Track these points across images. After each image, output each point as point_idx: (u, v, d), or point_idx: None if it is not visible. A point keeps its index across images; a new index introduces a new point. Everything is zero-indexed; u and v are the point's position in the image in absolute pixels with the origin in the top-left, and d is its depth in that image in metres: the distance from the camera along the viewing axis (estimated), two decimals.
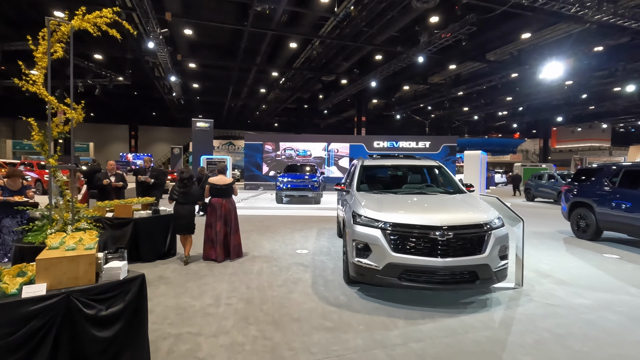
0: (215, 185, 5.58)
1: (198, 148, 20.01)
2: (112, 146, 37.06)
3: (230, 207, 5.67)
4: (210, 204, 5.63)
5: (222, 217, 5.52)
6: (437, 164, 5.86)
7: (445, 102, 26.27)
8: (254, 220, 9.62)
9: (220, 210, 5.53)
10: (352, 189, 5.13)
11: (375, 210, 4.11)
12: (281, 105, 30.76)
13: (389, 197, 4.80)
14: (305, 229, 8.37)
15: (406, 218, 3.92)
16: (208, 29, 18.93)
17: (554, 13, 15.85)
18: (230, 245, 5.63)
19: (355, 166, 5.82)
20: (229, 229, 5.60)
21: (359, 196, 4.72)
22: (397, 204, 4.47)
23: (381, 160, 6.04)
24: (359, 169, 5.53)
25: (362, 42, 18.32)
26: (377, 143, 19.71)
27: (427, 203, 4.52)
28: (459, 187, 5.22)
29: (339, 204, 6.51)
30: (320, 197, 13.45)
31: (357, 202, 4.47)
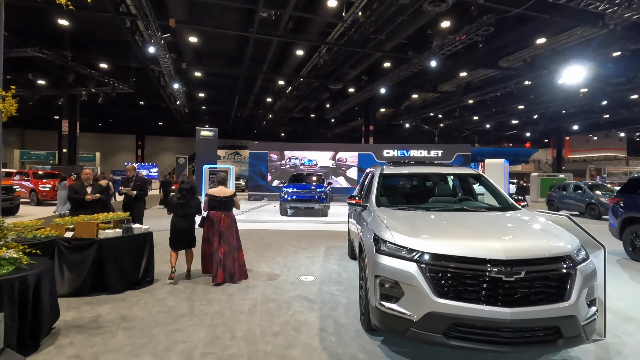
0: (215, 197, 4.90)
1: (202, 157, 18.99)
2: (119, 156, 36.42)
3: (230, 221, 4.97)
4: (208, 218, 4.97)
5: (220, 233, 4.84)
6: (475, 172, 4.64)
7: (455, 110, 25.10)
8: (254, 235, 8.43)
9: (218, 224, 4.85)
10: (371, 204, 3.94)
11: (407, 235, 2.91)
12: (288, 115, 29.86)
13: (422, 215, 3.58)
14: (311, 247, 7.15)
15: (455, 247, 2.71)
16: (213, 36, 18.15)
17: (573, 15, 14.77)
18: (236, 266, 4.90)
19: (373, 175, 4.62)
20: (229, 247, 4.87)
21: (381, 214, 3.52)
22: (436, 226, 3.25)
23: (405, 168, 4.81)
24: (377, 178, 4.32)
25: (370, 49, 17.33)
26: (387, 152, 18.52)
27: (478, 224, 3.27)
28: (510, 202, 3.93)
29: (352, 219, 5.28)
30: (328, 209, 12.26)
31: (379, 222, 3.29)
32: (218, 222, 4.86)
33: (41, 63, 19.35)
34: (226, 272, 4.76)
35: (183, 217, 4.84)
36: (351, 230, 5.49)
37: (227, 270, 4.77)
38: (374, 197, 4.01)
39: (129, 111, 31.89)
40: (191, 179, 5.33)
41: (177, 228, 4.83)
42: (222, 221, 4.87)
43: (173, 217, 4.89)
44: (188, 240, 4.91)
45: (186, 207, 4.84)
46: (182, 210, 4.83)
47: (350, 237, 5.72)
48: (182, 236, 4.84)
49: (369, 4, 14.84)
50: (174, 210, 4.87)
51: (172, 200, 4.94)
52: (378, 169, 4.55)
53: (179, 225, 4.83)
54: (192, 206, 4.90)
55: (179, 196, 4.87)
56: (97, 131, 35.54)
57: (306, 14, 15.76)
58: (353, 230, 5.07)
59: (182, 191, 4.85)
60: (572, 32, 17.08)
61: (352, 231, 5.24)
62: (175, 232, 4.83)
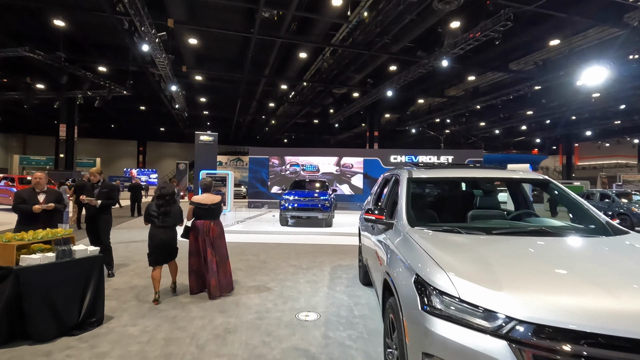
0: (202, 205, 4.39)
1: (201, 162, 17.83)
2: (120, 162, 35.41)
3: (220, 230, 4.52)
4: (194, 228, 4.42)
5: (211, 243, 4.37)
6: (543, 178, 3.32)
7: (462, 116, 23.89)
8: (248, 250, 7.14)
9: (207, 234, 4.36)
10: (400, 222, 2.67)
11: (480, 282, 1.64)
12: (290, 121, 28.76)
13: (488, 243, 2.28)
14: (313, 267, 5.85)
15: (579, 311, 1.44)
16: (214, 38, 17.13)
17: (592, 14, 13.66)
18: (228, 276, 4.52)
19: (397, 181, 3.38)
20: (220, 257, 4.44)
21: (422, 239, 2.23)
22: (526, 265, 1.91)
23: (442, 171, 3.43)
24: (404, 185, 3.03)
25: (376, 51, 16.19)
26: (394, 157, 17.23)
27: (590, 262, 1.98)
28: (605, 221, 2.63)
29: (366, 235, 3.98)
30: (332, 219, 10.97)
31: (420, 254, 2.02)
32: (207, 231, 4.36)
33: (39, 66, 18.47)
34: (221, 284, 4.35)
35: (164, 227, 4.21)
36: (365, 249, 4.19)
37: (221, 282, 4.35)
38: (403, 213, 2.71)
39: (131, 117, 30.98)
40: (170, 185, 4.51)
41: (157, 241, 4.17)
42: (212, 230, 4.38)
43: (151, 228, 4.23)
44: (170, 252, 4.31)
45: (167, 217, 4.22)
46: (163, 220, 4.20)
47: (363, 258, 4.43)
48: (163, 249, 4.20)
49: (375, 3, 13.78)
50: (152, 221, 4.20)
51: (149, 209, 4.23)
52: (404, 172, 3.25)
53: (159, 237, 4.18)
54: (174, 215, 4.28)
55: (159, 204, 4.20)
56: (98, 137, 34.62)
57: (310, 14, 14.72)
58: (368, 250, 3.77)
59: (161, 198, 4.20)
60: (587, 33, 15.98)
61: (367, 251, 3.94)
62: (156, 246, 4.16)
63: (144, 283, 4.78)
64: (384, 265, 2.56)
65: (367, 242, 3.93)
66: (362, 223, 4.53)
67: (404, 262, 2.12)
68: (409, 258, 2.11)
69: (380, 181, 4.45)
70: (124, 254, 6.54)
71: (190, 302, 4.15)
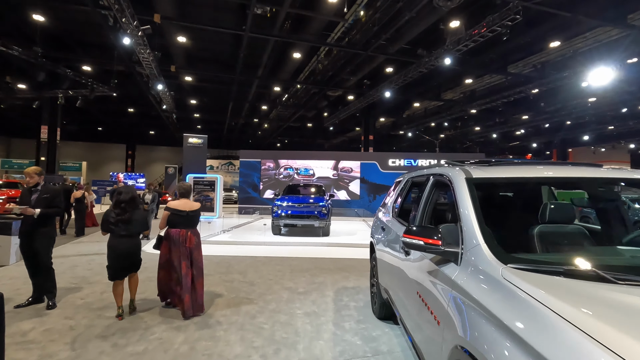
0: (180, 212, 3.90)
1: (190, 166, 16.56)
2: (108, 166, 33.69)
3: (197, 239, 4.02)
4: (169, 237, 3.90)
5: (187, 255, 3.82)
6: None
7: (457, 120, 23.09)
8: (234, 266, 5.93)
9: (184, 244, 3.83)
10: (475, 253, 1.53)
11: None
12: (284, 124, 27.61)
13: None
14: (312, 292, 4.65)
15: None
16: (204, 37, 16.00)
17: (597, 13, 12.97)
18: (202, 291, 3.96)
19: (443, 184, 2.27)
20: (197, 270, 3.89)
21: (556, 301, 1.08)
22: None
23: (522, 169, 2.23)
24: (466, 191, 1.90)
25: (373, 51, 15.25)
26: (393, 161, 16.19)
27: None
28: None
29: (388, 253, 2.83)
30: (330, 227, 9.80)
31: (576, 342, 0.88)
32: (184, 241, 3.83)
33: (20, 64, 17.13)
34: (197, 302, 3.83)
35: (126, 236, 3.68)
36: (385, 274, 3.04)
37: (198, 299, 3.84)
38: (478, 236, 1.56)
39: (119, 119, 29.50)
40: (130, 188, 3.93)
41: (118, 251, 3.64)
42: (188, 240, 3.85)
43: (111, 238, 3.69)
44: (132, 264, 3.78)
45: (129, 224, 3.68)
46: (124, 228, 3.66)
47: (381, 284, 3.28)
48: (125, 260, 3.68)
49: (373, 0, 12.86)
50: (111, 230, 3.67)
51: (108, 217, 3.69)
52: (457, 172, 2.12)
53: (120, 247, 3.65)
54: (137, 222, 3.73)
55: (118, 211, 3.66)
56: (85, 140, 32.93)
57: (304, 11, 13.72)
58: (396, 281, 2.62)
59: (121, 204, 3.65)
60: (589, 35, 15.32)
61: (392, 280, 2.77)
62: (117, 257, 3.64)
63: (90, 318, 3.55)
64: (450, 329, 1.42)
65: (391, 268, 2.78)
66: (378, 235, 3.38)
67: (522, 347, 0.98)
68: (537, 341, 0.97)
69: (402, 185, 3.32)
70: (82, 273, 5.29)
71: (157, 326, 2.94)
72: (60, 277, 5.05)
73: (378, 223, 3.71)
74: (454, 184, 2.03)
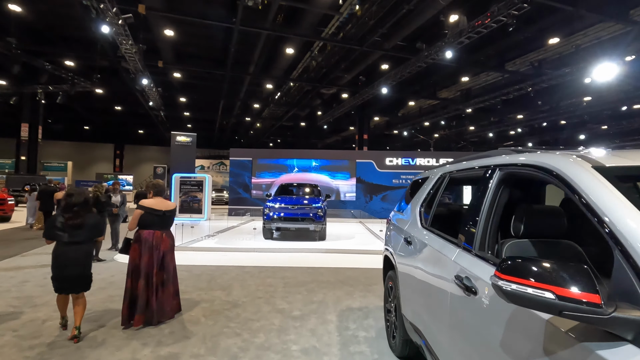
0: (156, 211, 3.39)
1: (178, 165, 15.50)
2: (95, 166, 32.28)
3: (171, 242, 3.56)
4: (139, 239, 3.36)
5: (160, 259, 3.37)
6: None
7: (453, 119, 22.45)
8: (217, 279, 4.99)
9: (158, 248, 3.37)
10: None
11: None
12: (276, 123, 26.65)
13: None
14: (311, 316, 3.72)
15: None
16: (192, 31, 15.02)
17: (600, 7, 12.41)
18: (164, 301, 3.42)
19: (571, 179, 1.21)
20: (167, 275, 3.42)
21: None
22: None
23: None
24: (612, 189, 1.04)
25: (369, 46, 14.47)
26: (390, 160, 15.39)
27: None
28: None
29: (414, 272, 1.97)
30: (326, 230, 8.90)
31: None
32: (157, 244, 3.41)
33: None
34: (164, 308, 3.40)
35: (74, 243, 3.11)
36: (410, 304, 2.17)
37: (164, 305, 3.40)
38: None
39: (107, 118, 28.19)
40: (82, 190, 3.46)
41: (64, 262, 3.07)
42: (163, 243, 3.45)
43: (57, 246, 3.14)
44: (79, 279, 3.13)
45: (79, 230, 3.11)
46: (73, 234, 3.10)
47: (405, 318, 2.40)
48: (72, 273, 3.08)
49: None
50: (58, 236, 3.08)
51: (54, 222, 3.12)
52: (570, 161, 1.26)
53: (67, 256, 3.08)
54: (90, 227, 3.20)
55: (69, 215, 3.10)
56: (71, 139, 31.46)
57: (298, 4, 12.89)
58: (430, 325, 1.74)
59: (71, 207, 3.09)
60: (588, 31, 14.79)
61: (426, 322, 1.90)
62: (63, 268, 3.06)
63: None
64: None
65: (428, 302, 1.90)
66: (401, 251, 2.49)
67: None
68: None
69: (434, 183, 2.43)
70: (30, 291, 4.32)
71: None
72: (2, 296, 4.06)
73: (397, 232, 2.83)
74: (575, 180, 1.13)
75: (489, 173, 1.67)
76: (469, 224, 1.64)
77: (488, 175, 1.67)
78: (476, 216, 1.60)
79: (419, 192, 2.71)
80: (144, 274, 3.31)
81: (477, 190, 1.72)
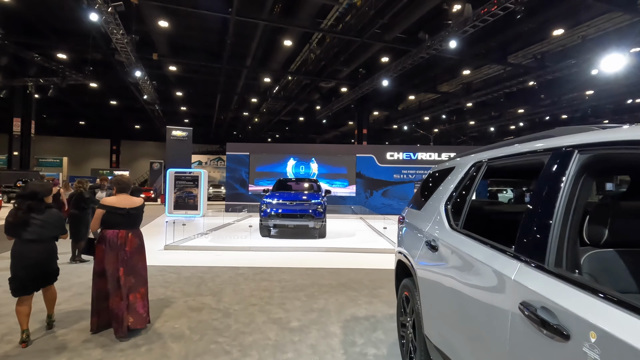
0: (118, 210, 3.08)
1: (174, 161, 14.97)
2: (91, 162, 31.62)
3: (139, 242, 3.22)
4: (103, 240, 3.07)
5: (125, 260, 3.04)
6: None
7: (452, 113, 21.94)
8: (207, 284, 4.51)
9: (122, 248, 3.05)
10: None
11: None
12: (274, 118, 26.07)
13: None
14: (311, 326, 3.22)
15: None
16: (188, 22, 14.41)
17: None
18: (145, 303, 3.15)
19: None
20: (136, 279, 3.12)
21: None
22: None
23: None
24: None
25: (369, 38, 13.90)
26: (391, 154, 14.89)
27: None
28: None
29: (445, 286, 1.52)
30: (325, 227, 8.42)
31: None
32: (122, 244, 3.06)
33: None
34: (135, 315, 3.05)
35: (35, 241, 2.84)
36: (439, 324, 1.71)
37: (136, 312, 3.05)
38: None
39: (102, 113, 27.51)
40: (44, 185, 3.10)
41: (26, 260, 2.81)
42: (129, 243, 3.10)
43: (16, 244, 2.85)
44: (47, 275, 2.95)
45: (41, 226, 2.85)
46: (33, 231, 2.82)
47: (428, 340, 1.93)
48: (36, 270, 2.86)
49: None
50: (17, 233, 2.80)
51: (14, 218, 2.81)
52: None
53: (28, 255, 2.82)
54: (51, 223, 2.91)
55: (24, 209, 2.82)
56: (67, 135, 30.75)
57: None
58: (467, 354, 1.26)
59: (26, 199, 2.81)
60: (592, 22, 14.29)
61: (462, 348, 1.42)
62: (24, 267, 2.80)
63: None
64: None
65: (466, 324, 1.42)
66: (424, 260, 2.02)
67: None
68: None
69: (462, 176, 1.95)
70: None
71: None
72: None
73: (415, 233, 2.34)
74: None
75: (562, 158, 1.19)
76: (536, 229, 1.16)
77: (561, 161, 1.19)
78: (548, 218, 1.12)
79: (441, 186, 2.22)
80: (110, 277, 3.02)
81: (544, 182, 1.23)
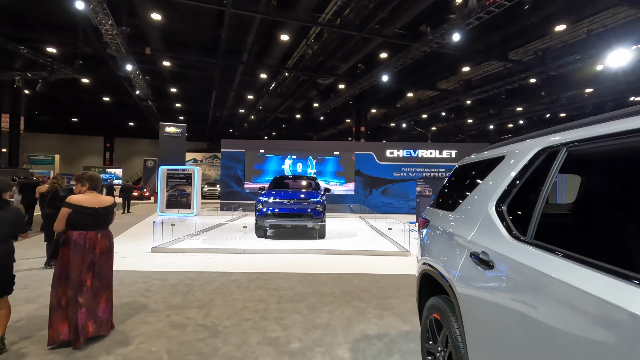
0: (86, 209, 2.79)
1: (167, 158, 14.38)
2: (85, 159, 30.81)
3: (109, 243, 2.96)
4: (68, 242, 2.77)
5: (92, 263, 2.78)
6: None
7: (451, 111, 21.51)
8: (195, 293, 3.97)
9: (91, 251, 2.78)
10: None
11: None
12: (271, 115, 25.47)
13: None
14: (314, 349, 2.66)
15: None
16: (181, 14, 13.81)
17: None
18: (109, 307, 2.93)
19: None
20: (101, 282, 2.85)
21: None
22: None
23: None
24: None
25: (368, 33, 13.38)
26: (391, 152, 14.40)
27: None
28: None
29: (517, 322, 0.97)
30: (325, 227, 7.89)
31: None
32: (92, 247, 2.78)
33: None
34: (97, 320, 2.79)
35: None
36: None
37: (98, 317, 2.80)
38: None
39: (96, 110, 26.73)
40: (2, 178, 2.76)
41: None
42: (98, 244, 2.83)
43: None
44: (2, 281, 2.55)
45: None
46: None
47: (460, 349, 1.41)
48: None
49: None
50: None
51: None
52: None
53: None
54: (8, 220, 2.60)
55: None
56: (60, 132, 29.89)
57: None
58: None
59: None
60: (595, 18, 13.93)
61: None
62: None
63: None
64: None
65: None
66: (472, 287, 1.49)
67: None
68: None
69: (521, 167, 1.43)
70: None
71: None
72: None
73: (451, 241, 1.81)
74: None
75: None
76: None
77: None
78: None
79: (485, 182, 1.70)
80: (72, 283, 2.69)
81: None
